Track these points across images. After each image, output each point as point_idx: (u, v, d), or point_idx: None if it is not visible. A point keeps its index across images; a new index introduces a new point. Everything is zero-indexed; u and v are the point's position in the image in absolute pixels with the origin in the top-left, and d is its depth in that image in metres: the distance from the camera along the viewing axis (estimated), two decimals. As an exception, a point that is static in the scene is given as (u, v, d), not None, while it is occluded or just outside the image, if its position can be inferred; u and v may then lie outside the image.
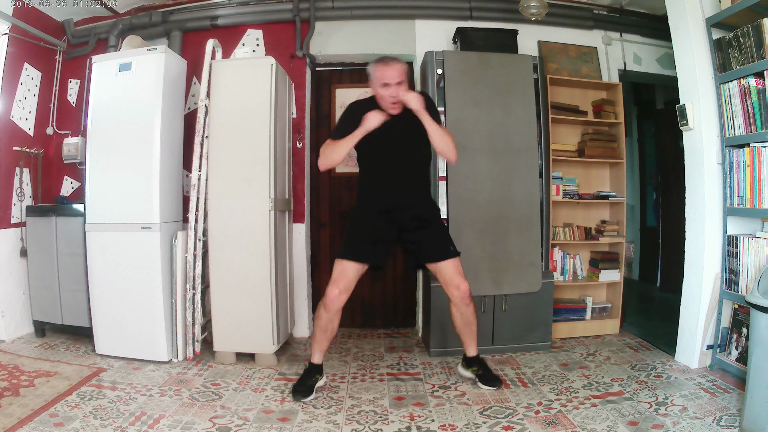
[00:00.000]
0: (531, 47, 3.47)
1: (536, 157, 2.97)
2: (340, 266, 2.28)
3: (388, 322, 3.65)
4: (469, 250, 2.83)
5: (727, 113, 2.47)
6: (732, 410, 2.04)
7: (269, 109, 2.76)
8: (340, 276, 2.26)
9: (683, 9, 2.61)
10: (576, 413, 2.07)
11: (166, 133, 2.84)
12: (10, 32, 3.15)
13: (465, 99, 2.91)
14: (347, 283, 2.26)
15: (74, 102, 3.62)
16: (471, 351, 2.44)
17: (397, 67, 2.18)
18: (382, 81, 2.17)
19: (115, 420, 2.01)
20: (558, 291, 3.23)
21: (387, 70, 2.17)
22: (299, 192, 3.43)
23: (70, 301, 3.06)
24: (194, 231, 2.81)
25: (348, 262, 2.27)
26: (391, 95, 2.17)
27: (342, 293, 2.25)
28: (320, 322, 2.30)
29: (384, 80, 2.16)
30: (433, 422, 2.03)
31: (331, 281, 2.27)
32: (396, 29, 3.52)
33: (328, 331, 2.32)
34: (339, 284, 2.25)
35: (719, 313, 2.52)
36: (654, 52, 3.72)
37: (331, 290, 2.25)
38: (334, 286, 2.25)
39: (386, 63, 2.19)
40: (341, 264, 2.28)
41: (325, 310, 2.27)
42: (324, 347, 2.36)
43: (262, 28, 3.50)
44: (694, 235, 2.67)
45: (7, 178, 3.20)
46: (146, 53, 2.85)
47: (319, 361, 2.37)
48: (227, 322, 2.78)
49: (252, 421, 2.04)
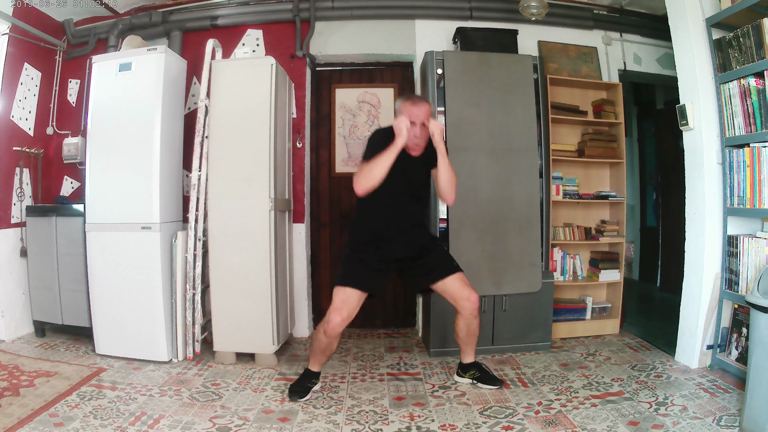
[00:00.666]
0: (531, 47, 3.47)
1: (536, 157, 2.97)
2: (342, 294, 2.20)
3: (388, 322, 3.65)
4: (469, 250, 2.84)
5: (727, 113, 2.47)
6: (732, 410, 2.04)
7: (269, 109, 2.76)
8: (342, 304, 2.19)
9: (683, 9, 2.61)
10: (576, 413, 2.07)
11: (166, 133, 2.84)
12: (10, 32, 3.15)
13: (465, 99, 2.91)
14: (350, 310, 2.19)
15: (74, 102, 3.62)
16: (469, 358, 2.46)
17: (425, 107, 2.17)
18: (410, 117, 2.14)
19: (115, 420, 2.01)
20: (558, 291, 3.23)
21: (415, 109, 2.15)
22: (299, 192, 3.43)
23: (70, 301, 3.06)
24: (194, 231, 2.81)
25: (351, 290, 2.20)
26: (415, 135, 2.15)
27: (345, 321, 2.18)
28: (320, 344, 2.27)
29: (412, 117, 2.14)
30: (433, 422, 2.03)
31: (333, 308, 2.19)
32: (396, 29, 3.52)
33: (326, 351, 2.31)
34: (342, 312, 2.17)
35: (719, 313, 2.52)
36: (654, 52, 3.72)
37: (334, 318, 2.17)
38: (337, 314, 2.17)
39: (414, 102, 2.17)
40: (344, 291, 2.20)
41: (325, 335, 2.22)
42: (322, 361, 2.36)
43: (262, 28, 3.50)
44: (694, 235, 2.67)
45: (7, 178, 3.20)
46: (146, 53, 2.85)
47: (318, 370, 2.37)
48: (227, 322, 2.78)
49: (252, 421, 2.04)
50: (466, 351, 2.44)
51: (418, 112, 2.14)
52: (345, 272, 2.27)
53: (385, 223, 2.26)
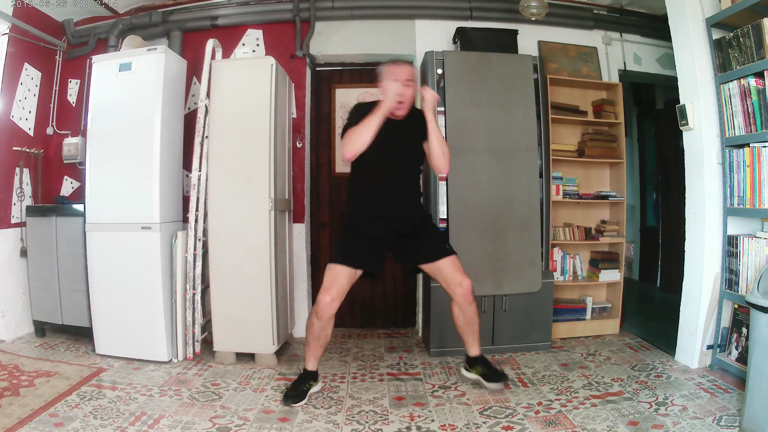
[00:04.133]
0: (531, 47, 3.47)
1: (536, 157, 2.97)
2: (332, 272, 2.19)
3: (388, 322, 3.65)
4: (469, 250, 2.84)
5: (727, 113, 2.47)
6: (732, 410, 2.04)
7: (269, 109, 2.76)
8: (331, 282, 2.17)
9: (683, 9, 2.61)
10: (576, 413, 2.07)
11: (166, 133, 2.84)
12: (10, 32, 3.15)
13: (465, 99, 2.91)
14: (339, 289, 2.17)
15: (74, 102, 3.62)
16: (474, 351, 2.37)
17: (408, 67, 2.20)
18: (393, 76, 2.16)
19: (115, 420, 2.01)
20: (558, 291, 3.23)
21: (396, 68, 2.19)
22: (299, 192, 3.43)
23: (70, 301, 3.06)
24: (194, 231, 2.81)
25: (341, 266, 2.18)
26: (398, 92, 2.15)
27: (334, 300, 2.16)
28: (312, 330, 2.23)
29: (395, 76, 2.16)
30: (433, 422, 2.03)
31: (322, 288, 2.18)
32: (396, 29, 3.52)
33: (321, 339, 2.24)
34: (331, 291, 2.15)
35: (719, 313, 2.52)
36: (654, 52, 3.72)
37: (322, 297, 2.15)
38: (325, 293, 2.15)
39: (398, 63, 2.21)
40: (333, 269, 2.19)
41: (317, 318, 2.19)
42: (318, 354, 2.29)
43: (262, 28, 3.50)
44: (694, 235, 2.67)
45: (7, 178, 3.20)
46: (146, 53, 2.85)
47: (314, 368, 2.31)
48: (227, 322, 2.78)
49: (252, 421, 2.04)
50: (469, 342, 2.36)
51: (401, 71, 2.17)
52: (335, 249, 2.28)
53: (375, 197, 2.24)
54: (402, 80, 2.15)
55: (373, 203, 2.26)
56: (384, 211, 2.25)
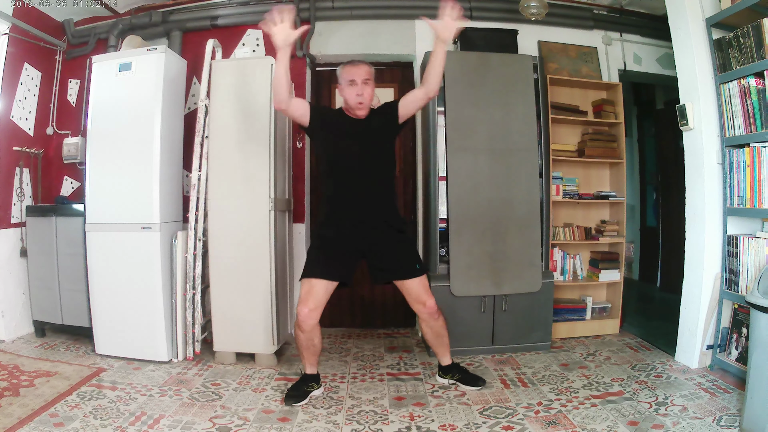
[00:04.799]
0: (531, 47, 3.47)
1: (536, 157, 2.97)
2: (306, 285, 2.16)
3: (388, 322, 3.64)
4: (469, 251, 2.84)
5: (727, 113, 2.47)
6: (732, 410, 2.04)
7: (269, 109, 2.75)
8: (307, 294, 2.15)
9: (683, 9, 2.61)
10: (576, 413, 2.07)
11: (166, 133, 2.84)
12: (10, 32, 3.14)
13: (465, 99, 2.91)
14: (317, 300, 2.15)
15: (74, 102, 3.62)
16: (445, 361, 2.44)
17: (364, 66, 2.19)
18: (349, 78, 2.15)
19: (115, 420, 2.01)
20: (558, 291, 3.23)
21: (353, 68, 2.17)
22: (299, 192, 3.43)
23: (70, 301, 3.06)
24: (194, 231, 2.81)
25: (316, 280, 2.16)
26: (357, 93, 2.14)
27: (312, 311, 2.14)
28: (299, 341, 2.23)
29: (351, 77, 2.15)
30: (433, 422, 2.03)
31: (299, 300, 2.16)
32: (396, 29, 3.52)
33: (310, 348, 2.25)
34: (308, 303, 2.13)
35: (719, 313, 2.52)
36: (654, 52, 3.72)
37: (301, 309, 2.14)
38: (303, 305, 2.13)
39: (353, 63, 2.20)
40: (309, 283, 2.16)
41: (300, 330, 2.18)
42: (313, 361, 2.30)
43: (262, 28, 3.49)
44: (694, 235, 2.67)
45: (7, 178, 3.20)
46: (146, 53, 2.85)
47: (314, 371, 2.33)
48: (227, 322, 2.78)
49: (252, 421, 2.04)
50: (439, 353, 2.43)
51: (357, 71, 2.16)
52: (307, 263, 2.25)
53: (342, 203, 2.19)
54: (360, 81, 2.15)
55: (341, 209, 2.21)
56: (352, 216, 2.20)
